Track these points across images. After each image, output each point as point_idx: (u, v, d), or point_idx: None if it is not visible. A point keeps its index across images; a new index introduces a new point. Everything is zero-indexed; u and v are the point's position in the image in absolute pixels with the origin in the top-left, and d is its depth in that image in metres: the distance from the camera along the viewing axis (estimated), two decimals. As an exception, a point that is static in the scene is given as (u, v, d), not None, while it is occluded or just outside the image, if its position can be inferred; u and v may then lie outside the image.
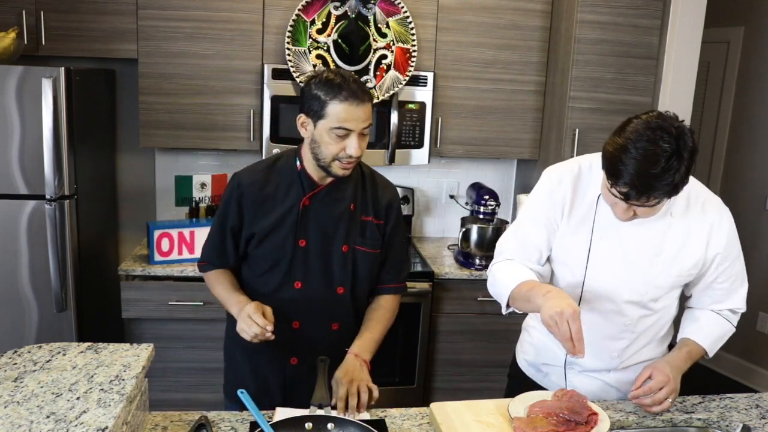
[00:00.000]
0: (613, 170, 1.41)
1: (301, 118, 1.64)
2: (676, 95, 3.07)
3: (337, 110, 1.56)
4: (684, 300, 1.79)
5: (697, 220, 1.62)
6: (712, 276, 1.67)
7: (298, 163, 1.71)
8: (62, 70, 2.61)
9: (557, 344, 1.77)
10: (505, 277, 1.66)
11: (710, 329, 1.70)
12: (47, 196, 2.65)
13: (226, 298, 1.73)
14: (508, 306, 1.66)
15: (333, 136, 1.58)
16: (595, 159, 1.67)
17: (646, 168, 1.36)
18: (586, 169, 1.67)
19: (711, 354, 1.71)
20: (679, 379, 1.61)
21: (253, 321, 1.56)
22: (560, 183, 1.67)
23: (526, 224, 1.73)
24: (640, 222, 1.58)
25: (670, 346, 1.76)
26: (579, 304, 1.68)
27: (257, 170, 1.73)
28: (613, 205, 1.51)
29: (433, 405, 1.59)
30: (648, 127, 1.38)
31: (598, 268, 1.64)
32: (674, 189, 1.40)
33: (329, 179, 1.70)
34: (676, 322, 1.78)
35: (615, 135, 1.44)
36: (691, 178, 1.60)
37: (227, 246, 1.76)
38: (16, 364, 1.34)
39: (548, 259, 1.75)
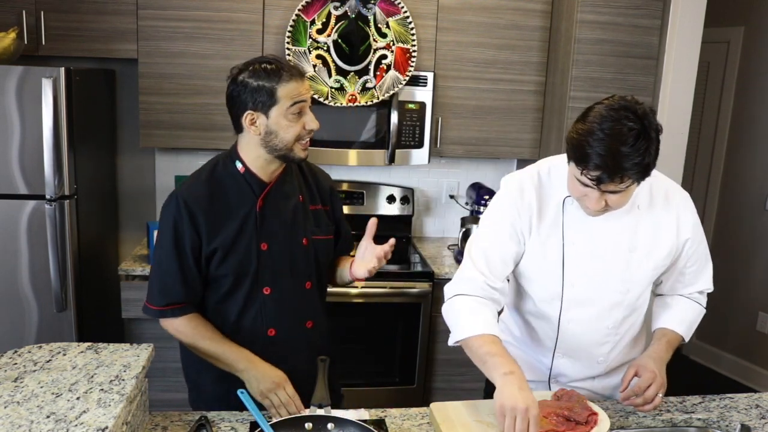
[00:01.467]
0: (581, 155, 1.38)
1: (249, 115, 1.57)
2: (676, 95, 3.07)
3: (288, 90, 1.56)
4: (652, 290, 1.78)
5: (664, 210, 1.61)
6: (683, 261, 1.67)
7: (239, 165, 1.64)
8: (62, 70, 2.61)
9: (539, 359, 1.75)
10: (464, 317, 1.58)
11: (684, 314, 1.71)
12: (47, 196, 2.65)
13: (221, 353, 1.60)
14: (456, 342, 1.60)
15: (291, 117, 1.57)
16: (553, 162, 1.64)
17: (615, 146, 1.34)
18: (545, 174, 1.63)
19: (687, 338, 1.71)
20: (664, 372, 1.59)
21: (288, 396, 1.56)
22: (523, 192, 1.61)
23: (491, 237, 1.64)
24: (609, 218, 1.56)
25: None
26: (560, 315, 1.64)
27: (198, 185, 1.63)
28: (583, 197, 1.46)
29: (433, 405, 1.59)
30: (611, 109, 1.37)
31: (575, 272, 1.60)
32: (645, 170, 1.38)
33: (276, 174, 1.66)
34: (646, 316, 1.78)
35: (578, 122, 1.42)
36: None
37: (192, 272, 1.61)
38: (16, 364, 1.34)
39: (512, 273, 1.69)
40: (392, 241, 1.68)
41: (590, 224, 1.57)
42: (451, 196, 3.59)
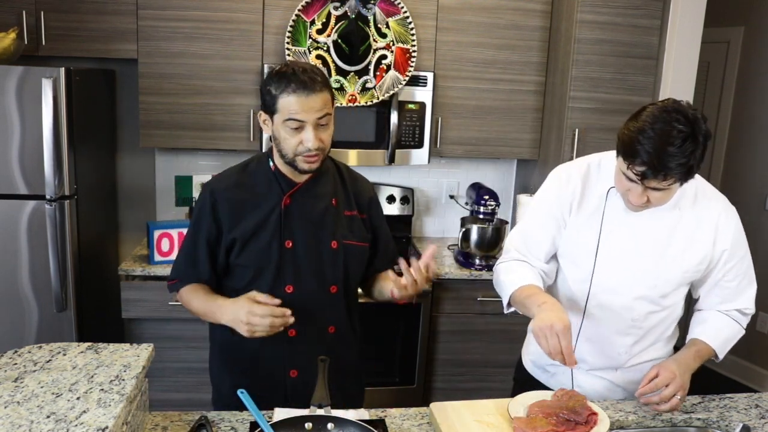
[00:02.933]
0: (630, 151, 1.44)
1: (262, 115, 1.61)
2: (676, 95, 3.02)
3: (286, 103, 1.52)
4: (692, 304, 1.79)
5: (705, 216, 1.64)
6: (720, 273, 1.68)
7: (271, 163, 1.67)
8: (62, 70, 2.61)
9: None
10: (508, 277, 1.70)
11: (718, 330, 1.71)
12: (47, 196, 2.65)
13: (206, 307, 1.63)
14: (509, 305, 1.70)
15: (288, 130, 1.55)
16: (604, 156, 1.70)
17: (663, 146, 1.39)
18: (595, 165, 1.70)
19: (721, 355, 1.71)
20: (687, 377, 1.62)
21: (262, 309, 1.48)
22: (569, 180, 1.70)
23: (532, 222, 1.76)
24: (649, 215, 1.60)
25: (676, 349, 1.76)
26: (587, 300, 1.69)
27: (229, 175, 1.68)
28: (627, 192, 1.52)
29: (433, 405, 1.59)
30: (664, 110, 1.43)
31: (608, 261, 1.65)
32: (689, 171, 1.43)
33: (306, 176, 1.65)
34: (683, 326, 1.78)
35: (630, 120, 1.48)
36: (699, 176, 1.62)
37: (200, 257, 1.66)
38: (16, 364, 1.34)
39: (554, 257, 1.76)
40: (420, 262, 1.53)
41: (630, 218, 1.62)
42: (451, 196, 3.59)
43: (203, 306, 1.65)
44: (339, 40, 2.99)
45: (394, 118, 3.06)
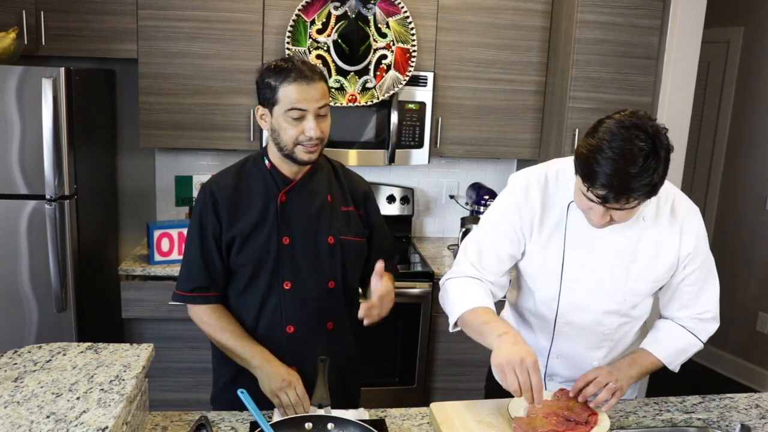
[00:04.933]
0: (588, 172, 1.35)
1: (259, 110, 1.63)
2: (676, 95, 3.07)
3: (287, 92, 1.55)
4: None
5: (668, 222, 1.58)
6: (680, 277, 1.62)
7: (266, 162, 1.68)
8: (62, 70, 2.61)
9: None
10: (457, 296, 1.61)
11: (668, 339, 1.66)
12: (47, 196, 2.65)
13: (238, 347, 1.63)
14: (455, 325, 1.62)
15: (289, 120, 1.57)
16: (562, 165, 1.62)
17: (623, 167, 1.30)
18: (553, 177, 1.61)
19: (670, 365, 1.66)
20: (617, 375, 1.56)
21: (297, 397, 1.55)
22: (528, 193, 1.61)
23: (489, 233, 1.66)
24: (613, 228, 1.53)
25: None
26: (555, 319, 1.66)
27: (226, 175, 1.70)
28: (588, 210, 1.44)
29: (433, 405, 1.59)
30: (622, 126, 1.33)
31: (574, 278, 1.60)
32: (653, 189, 1.34)
33: (302, 173, 1.67)
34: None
35: (588, 136, 1.37)
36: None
37: (213, 260, 1.65)
38: (16, 364, 1.34)
39: (510, 270, 1.70)
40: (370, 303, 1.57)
41: (593, 232, 1.56)
42: (451, 196, 3.59)
43: (234, 345, 1.64)
44: (339, 40, 2.99)
45: (394, 118, 3.06)
